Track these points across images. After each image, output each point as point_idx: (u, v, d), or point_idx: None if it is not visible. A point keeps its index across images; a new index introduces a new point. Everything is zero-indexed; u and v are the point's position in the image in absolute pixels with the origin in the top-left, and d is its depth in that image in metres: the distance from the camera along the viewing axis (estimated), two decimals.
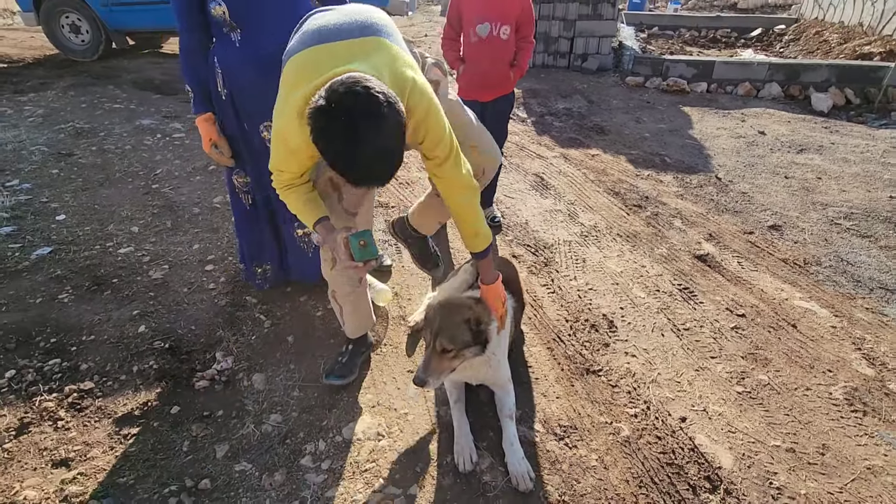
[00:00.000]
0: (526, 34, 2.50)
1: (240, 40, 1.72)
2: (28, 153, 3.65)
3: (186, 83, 1.78)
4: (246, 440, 1.62)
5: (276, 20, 1.72)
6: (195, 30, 1.74)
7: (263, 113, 1.80)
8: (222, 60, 1.75)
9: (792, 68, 5.53)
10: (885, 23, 7.00)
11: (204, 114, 1.80)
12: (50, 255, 2.51)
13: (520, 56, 2.51)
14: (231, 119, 1.84)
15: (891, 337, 2.08)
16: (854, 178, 3.55)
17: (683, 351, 2.00)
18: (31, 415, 1.67)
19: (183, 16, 1.70)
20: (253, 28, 1.71)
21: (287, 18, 1.71)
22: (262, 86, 1.75)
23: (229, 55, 1.74)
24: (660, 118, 4.88)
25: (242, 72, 1.76)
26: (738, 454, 1.58)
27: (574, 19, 6.10)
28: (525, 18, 2.45)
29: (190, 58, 1.75)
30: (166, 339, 2.02)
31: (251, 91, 1.78)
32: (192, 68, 1.76)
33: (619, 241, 2.77)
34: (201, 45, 1.76)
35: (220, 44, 1.75)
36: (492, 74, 2.49)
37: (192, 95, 1.78)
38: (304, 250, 2.16)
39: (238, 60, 1.74)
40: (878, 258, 2.62)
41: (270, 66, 1.71)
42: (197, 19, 1.71)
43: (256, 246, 2.15)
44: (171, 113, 4.72)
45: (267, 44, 1.72)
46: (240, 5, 1.67)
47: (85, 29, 6.48)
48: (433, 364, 1.42)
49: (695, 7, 14.82)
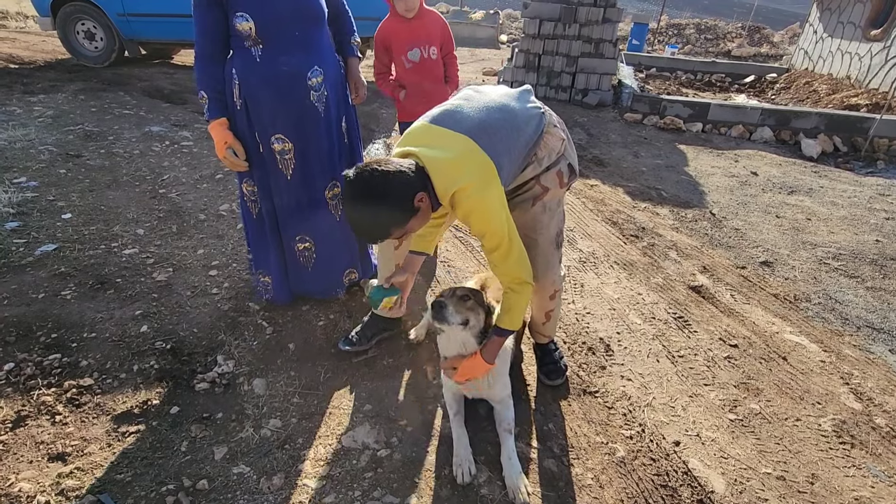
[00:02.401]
0: (449, 50, 2.74)
1: (261, 55, 1.78)
2: (36, 152, 3.68)
3: (201, 89, 1.79)
4: (245, 443, 1.62)
5: (297, 40, 1.82)
6: (214, 40, 1.76)
7: (276, 125, 1.88)
8: (241, 72, 1.80)
9: (783, 114, 5.76)
10: (872, 77, 7.35)
11: (219, 118, 1.82)
12: (54, 252, 2.53)
13: (450, 71, 2.76)
14: (244, 128, 1.88)
15: (877, 373, 2.14)
16: (842, 220, 3.68)
17: (678, 377, 2.04)
18: (28, 408, 1.67)
19: (204, 25, 1.73)
20: (275, 45, 1.78)
21: (305, 39, 1.84)
22: (278, 100, 1.84)
23: (249, 68, 1.79)
24: (657, 154, 5.03)
25: (262, 85, 1.81)
26: (730, 479, 1.61)
27: (577, 56, 6.34)
28: (446, 37, 2.69)
29: (206, 64, 1.78)
30: (168, 340, 2.03)
31: (267, 104, 1.84)
32: (208, 74, 1.79)
33: (617, 269, 2.84)
34: (219, 53, 1.80)
35: (239, 56, 1.80)
36: (433, 93, 2.69)
37: (207, 100, 1.80)
38: (302, 265, 2.18)
39: (258, 74, 1.80)
40: (864, 298, 2.70)
41: (289, 82, 1.83)
42: (218, 30, 1.74)
43: (262, 255, 2.18)
44: (180, 121, 4.80)
45: (287, 61, 1.81)
46: (267, 23, 1.74)
47: (100, 36, 6.60)
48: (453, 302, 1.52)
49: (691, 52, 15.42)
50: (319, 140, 1.97)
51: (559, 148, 1.58)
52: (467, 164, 1.34)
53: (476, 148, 1.34)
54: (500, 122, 1.42)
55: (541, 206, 1.62)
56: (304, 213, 2.06)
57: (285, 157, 1.93)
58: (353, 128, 2.16)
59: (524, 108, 1.51)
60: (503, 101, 1.48)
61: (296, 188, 1.99)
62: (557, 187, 1.61)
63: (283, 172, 1.96)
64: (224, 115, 1.83)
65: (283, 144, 1.90)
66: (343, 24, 2.06)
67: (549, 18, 6.30)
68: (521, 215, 1.61)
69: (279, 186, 1.98)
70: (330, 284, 2.28)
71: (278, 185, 1.98)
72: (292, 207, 2.03)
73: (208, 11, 1.70)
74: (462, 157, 1.34)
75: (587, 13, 6.17)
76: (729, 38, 16.85)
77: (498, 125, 1.41)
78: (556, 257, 1.74)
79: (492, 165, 1.34)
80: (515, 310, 1.50)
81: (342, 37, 2.07)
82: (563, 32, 6.30)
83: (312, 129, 1.94)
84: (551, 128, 1.56)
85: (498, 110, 1.44)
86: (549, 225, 1.66)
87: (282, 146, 1.90)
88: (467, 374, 1.56)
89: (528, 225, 1.63)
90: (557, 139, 1.58)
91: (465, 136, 1.35)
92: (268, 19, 1.73)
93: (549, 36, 6.35)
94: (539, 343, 2.03)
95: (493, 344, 1.54)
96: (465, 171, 1.33)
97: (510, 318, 1.51)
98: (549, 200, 1.63)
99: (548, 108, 1.60)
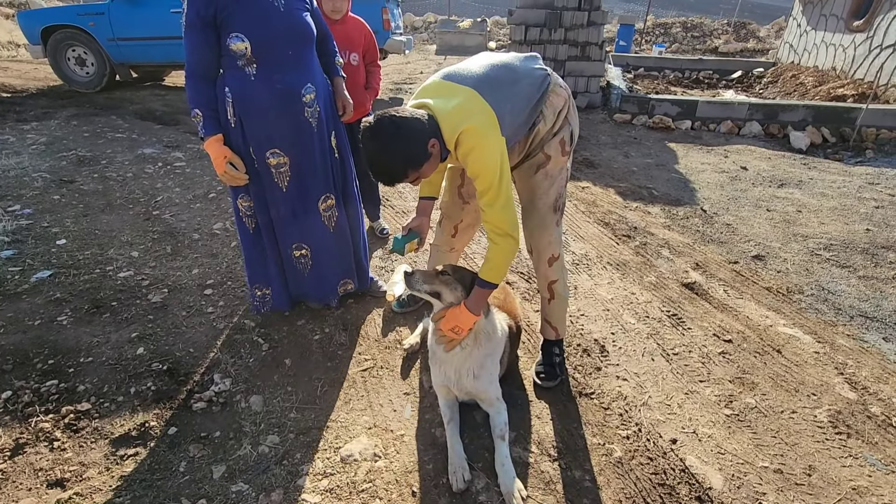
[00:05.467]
0: (373, 59, 2.78)
1: (255, 74, 1.82)
2: (30, 179, 3.71)
3: (195, 107, 1.81)
4: (243, 461, 1.63)
5: (290, 59, 1.87)
6: (207, 59, 1.79)
7: (272, 140, 1.92)
8: (235, 91, 1.83)
9: (771, 108, 5.81)
10: (857, 67, 7.41)
11: (215, 135, 1.84)
12: (50, 278, 2.54)
13: (371, 79, 2.79)
14: (238, 144, 1.92)
15: (871, 362, 2.15)
16: (832, 211, 3.71)
17: (673, 375, 2.05)
18: (26, 435, 1.68)
19: (197, 45, 1.75)
20: (268, 64, 1.83)
21: (298, 59, 1.90)
22: (274, 116, 1.89)
23: (244, 86, 1.83)
24: (647, 153, 5.07)
25: (257, 102, 1.85)
26: (728, 475, 1.62)
27: (564, 59, 6.40)
28: (370, 45, 2.72)
29: (199, 83, 1.81)
30: (164, 361, 2.04)
31: (264, 120, 1.88)
32: (201, 93, 1.81)
33: (610, 270, 2.85)
34: (211, 72, 1.83)
35: (232, 75, 1.83)
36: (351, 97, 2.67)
37: (202, 118, 1.82)
38: (299, 271, 2.22)
39: (253, 92, 1.83)
40: (857, 287, 2.72)
41: (284, 99, 1.88)
42: (210, 49, 1.77)
43: (259, 269, 2.20)
44: (172, 142, 4.83)
45: (281, 79, 1.86)
46: (262, 43, 1.79)
47: (90, 62, 6.67)
48: (426, 274, 1.63)
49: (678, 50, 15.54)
50: (313, 154, 2.03)
51: (562, 107, 1.72)
52: (471, 109, 1.49)
53: (479, 97, 1.50)
54: (502, 77, 1.58)
55: (543, 174, 1.76)
56: (299, 223, 2.10)
57: (280, 171, 1.98)
58: (344, 143, 2.21)
59: (527, 67, 1.66)
60: (506, 60, 1.65)
61: (291, 200, 2.04)
62: (559, 155, 1.75)
63: (278, 185, 2.00)
64: (219, 132, 1.86)
65: (278, 159, 1.96)
66: (327, 45, 2.11)
67: (534, 24, 6.37)
68: (524, 181, 1.80)
69: (275, 199, 2.03)
70: (325, 291, 2.31)
71: (274, 197, 2.02)
72: (289, 218, 2.08)
73: (202, 32, 1.74)
74: (466, 104, 1.50)
75: (572, 17, 6.24)
76: (715, 35, 17.00)
77: (500, 79, 1.57)
78: (552, 220, 1.80)
79: (492, 113, 1.49)
80: (495, 261, 1.58)
81: (327, 58, 2.12)
82: (549, 37, 6.37)
83: (307, 143, 2.00)
84: (556, 87, 1.71)
85: (501, 67, 1.61)
86: (548, 190, 1.77)
87: (277, 160, 1.96)
88: (452, 321, 1.58)
89: (530, 189, 1.79)
90: (561, 99, 1.72)
91: (469, 87, 1.52)
92: (263, 40, 1.78)
93: (536, 41, 6.42)
94: (545, 339, 2.05)
95: (477, 294, 1.60)
96: (468, 115, 1.48)
97: (489, 269, 1.58)
98: (551, 168, 1.75)
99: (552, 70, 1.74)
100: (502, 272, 1.60)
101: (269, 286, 2.24)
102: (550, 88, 1.68)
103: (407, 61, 12.01)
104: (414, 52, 13.66)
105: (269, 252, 2.14)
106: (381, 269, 2.79)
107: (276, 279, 2.21)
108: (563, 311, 1.98)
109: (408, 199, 3.75)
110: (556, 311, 1.96)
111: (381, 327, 2.31)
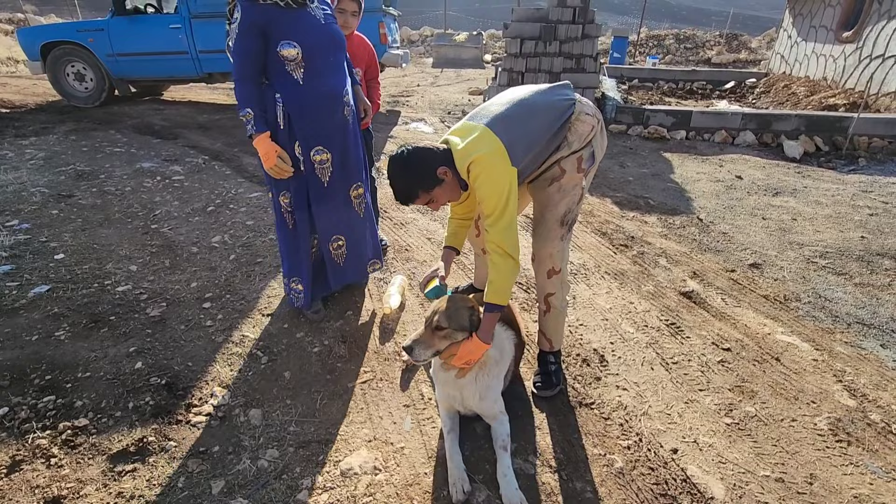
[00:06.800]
0: (374, 75, 2.90)
1: (303, 78, 2.01)
2: (28, 194, 3.71)
3: (246, 107, 1.96)
4: (242, 476, 1.61)
5: (331, 65, 2.10)
6: (255, 64, 1.95)
7: (318, 138, 2.13)
8: (286, 95, 2.02)
9: (764, 118, 5.88)
10: (847, 77, 7.52)
11: (264, 132, 2.00)
12: (47, 293, 2.54)
13: (373, 94, 2.90)
14: (284, 143, 2.08)
15: (870, 369, 2.16)
16: (827, 219, 3.74)
17: (673, 384, 2.05)
18: (23, 452, 1.66)
19: (248, 51, 1.92)
20: (314, 68, 2.03)
21: (336, 64, 2.14)
22: (320, 115, 2.10)
23: (294, 90, 2.02)
24: (642, 163, 5.11)
25: (307, 104, 2.05)
26: (730, 484, 1.61)
27: (559, 72, 6.48)
28: (371, 63, 2.84)
29: (248, 85, 1.97)
30: (163, 376, 2.03)
31: (312, 120, 2.08)
32: (251, 94, 1.97)
33: (608, 279, 2.86)
34: (258, 75, 1.99)
35: (281, 82, 2.00)
36: None
37: (253, 116, 1.97)
38: (336, 262, 2.41)
39: (303, 94, 2.03)
40: (853, 294, 2.73)
41: (330, 100, 2.13)
42: (259, 55, 1.94)
43: (296, 263, 2.34)
44: (170, 156, 4.85)
45: (325, 82, 2.08)
46: (311, 49, 1.99)
47: (90, 77, 6.71)
48: (424, 337, 1.59)
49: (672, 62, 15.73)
50: (348, 147, 2.26)
51: (588, 134, 1.76)
52: (481, 143, 1.61)
53: (490, 133, 1.62)
54: (515, 114, 1.68)
55: (556, 187, 1.80)
56: (338, 214, 2.32)
57: (324, 166, 2.18)
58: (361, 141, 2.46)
59: (547, 99, 1.74)
60: (523, 96, 1.74)
61: (331, 192, 2.24)
62: (574, 171, 1.79)
63: (320, 179, 2.19)
64: (267, 129, 2.01)
65: (321, 155, 2.16)
66: (347, 57, 2.31)
67: (530, 37, 6.46)
68: (538, 192, 1.85)
69: (317, 193, 2.21)
70: (359, 272, 2.55)
71: (316, 191, 2.20)
72: (329, 210, 2.27)
73: (255, 40, 1.91)
74: (478, 139, 1.62)
75: (566, 30, 6.33)
76: (708, 47, 17.24)
77: (513, 116, 1.67)
78: (557, 233, 1.83)
79: (502, 146, 1.59)
80: (498, 282, 1.63)
81: (348, 67, 2.31)
82: (544, 50, 6.45)
83: (347, 139, 2.23)
84: (583, 115, 1.76)
85: (516, 104, 1.71)
86: (559, 203, 1.81)
87: (321, 157, 2.16)
88: (466, 356, 1.62)
89: (541, 201, 1.84)
90: (587, 126, 1.76)
91: (484, 125, 1.65)
92: (311, 46, 1.99)
93: (531, 54, 6.50)
94: (540, 350, 2.05)
95: (486, 322, 1.64)
96: (478, 147, 1.60)
97: (494, 290, 1.64)
98: (565, 183, 1.79)
99: (583, 98, 1.82)
100: (506, 293, 1.64)
101: (302, 282, 2.35)
102: (574, 117, 1.74)
103: (404, 74, 12.13)
104: (411, 66, 13.79)
105: (303, 250, 2.30)
106: (380, 281, 2.80)
107: (306, 277, 2.34)
108: (559, 324, 1.99)
109: (405, 211, 3.77)
110: (552, 323, 1.97)
111: (379, 339, 2.31)
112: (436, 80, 11.28)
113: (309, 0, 2.00)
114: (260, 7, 1.89)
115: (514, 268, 1.63)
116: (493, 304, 1.63)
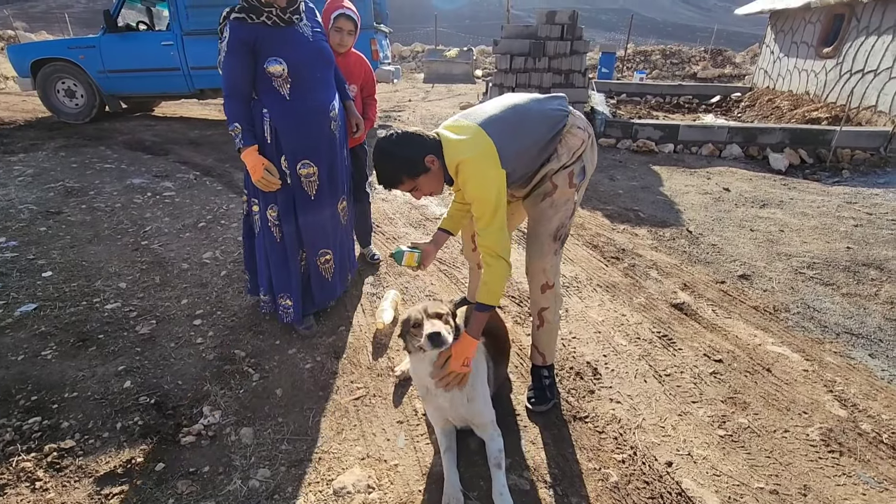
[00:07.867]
0: (371, 93, 2.91)
1: (289, 93, 2.05)
2: (16, 211, 3.68)
3: (234, 121, 2.01)
4: (233, 496, 1.59)
5: (318, 80, 2.13)
6: (244, 80, 1.99)
7: (305, 152, 2.15)
8: (273, 110, 2.05)
9: (749, 131, 6.00)
10: (829, 91, 7.71)
11: (252, 146, 2.04)
12: (34, 311, 2.50)
13: (368, 110, 2.90)
14: (271, 156, 2.12)
15: (859, 379, 2.18)
16: (813, 230, 3.80)
17: (666, 396, 2.05)
18: (7, 476, 1.62)
19: (237, 68, 1.96)
20: (301, 84, 2.07)
21: (324, 80, 2.19)
22: (306, 129, 2.13)
23: (281, 106, 2.05)
24: (632, 176, 5.18)
25: (294, 119, 2.08)
26: (724, 497, 1.61)
27: (548, 87, 6.57)
28: (368, 80, 2.85)
29: (237, 101, 2.01)
30: (152, 395, 1.99)
31: (298, 134, 2.11)
32: (240, 109, 2.02)
33: (600, 292, 2.88)
34: (247, 92, 2.04)
35: (268, 97, 2.04)
36: None
37: (241, 130, 2.01)
38: (324, 277, 2.43)
39: (289, 109, 2.07)
40: (841, 305, 2.77)
41: (317, 115, 2.15)
42: (248, 72, 1.99)
43: (284, 278, 2.33)
44: (161, 172, 4.84)
45: (312, 97, 2.11)
46: (297, 66, 2.02)
47: (80, 94, 6.71)
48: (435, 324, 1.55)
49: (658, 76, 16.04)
50: (335, 162, 2.29)
51: (578, 147, 1.78)
52: (473, 143, 1.63)
53: (483, 133, 1.63)
54: (509, 117, 1.70)
55: (549, 202, 1.81)
56: (324, 227, 2.34)
57: (310, 180, 2.21)
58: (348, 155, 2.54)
59: (542, 108, 1.75)
60: (518, 102, 1.76)
61: (318, 206, 2.27)
62: (566, 186, 1.80)
63: (307, 192, 2.21)
64: (255, 143, 2.06)
65: (308, 168, 2.18)
66: (337, 73, 2.36)
67: (519, 53, 6.56)
68: (531, 208, 1.86)
69: (304, 206, 2.23)
70: (343, 285, 2.59)
71: (304, 204, 2.22)
72: (316, 223, 2.29)
73: (243, 58, 1.95)
74: (470, 139, 1.64)
75: (555, 47, 6.44)
76: (693, 62, 17.61)
77: (507, 119, 1.69)
78: (550, 248, 1.84)
79: (493, 147, 1.61)
80: (490, 284, 1.67)
81: (339, 83, 2.36)
82: (533, 66, 6.55)
83: (333, 153, 2.27)
84: (574, 128, 1.78)
85: (511, 108, 1.73)
86: (551, 219, 1.82)
87: (307, 170, 2.18)
88: (461, 354, 1.61)
89: (534, 217, 1.85)
90: (578, 139, 1.78)
91: (477, 125, 1.66)
92: (297, 63, 2.02)
93: (521, 69, 6.59)
94: (533, 364, 2.05)
95: (476, 320, 1.67)
96: (469, 148, 1.63)
97: (486, 291, 1.67)
98: (557, 198, 1.81)
99: (576, 111, 1.83)
100: (498, 294, 1.68)
101: (291, 297, 2.34)
102: (566, 129, 1.76)
103: (395, 90, 12.24)
104: (402, 81, 13.93)
105: (292, 264, 2.30)
106: (372, 296, 2.79)
107: (296, 292, 2.34)
108: (553, 338, 1.99)
109: (398, 226, 3.78)
110: (545, 337, 1.97)
111: (372, 354, 2.30)
112: (427, 95, 11.40)
113: (297, 18, 2.04)
114: (248, 26, 1.94)
115: (506, 269, 1.66)
116: (483, 304, 1.67)
